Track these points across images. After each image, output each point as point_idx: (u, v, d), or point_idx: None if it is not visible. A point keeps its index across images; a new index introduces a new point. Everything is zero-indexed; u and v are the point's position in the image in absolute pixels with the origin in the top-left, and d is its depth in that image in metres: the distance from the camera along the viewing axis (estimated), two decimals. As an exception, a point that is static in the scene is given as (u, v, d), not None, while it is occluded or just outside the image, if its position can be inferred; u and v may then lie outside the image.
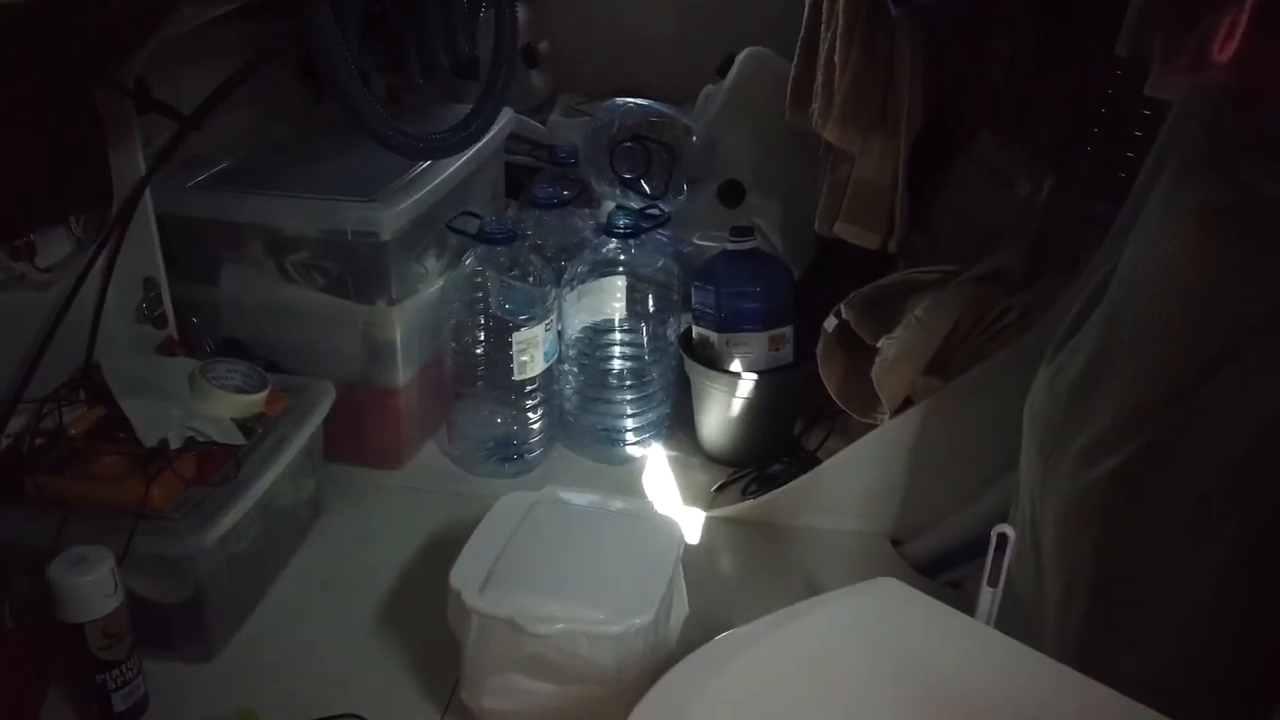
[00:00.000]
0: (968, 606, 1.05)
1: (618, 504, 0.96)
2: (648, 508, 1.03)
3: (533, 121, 1.61)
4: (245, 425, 1.04)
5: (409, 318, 1.20)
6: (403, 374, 1.23)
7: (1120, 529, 0.73)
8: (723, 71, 1.58)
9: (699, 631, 0.94)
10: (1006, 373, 1.05)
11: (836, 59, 1.17)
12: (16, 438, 0.96)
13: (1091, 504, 0.75)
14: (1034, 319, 1.05)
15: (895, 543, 1.19)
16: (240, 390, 1.06)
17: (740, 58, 1.52)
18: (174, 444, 0.96)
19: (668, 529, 0.92)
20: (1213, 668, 0.69)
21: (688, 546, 0.96)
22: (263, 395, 1.06)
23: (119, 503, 0.90)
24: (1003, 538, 0.72)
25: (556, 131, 1.62)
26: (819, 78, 1.22)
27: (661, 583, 0.84)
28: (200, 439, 0.98)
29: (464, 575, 0.83)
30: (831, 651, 0.61)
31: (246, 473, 0.98)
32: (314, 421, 1.09)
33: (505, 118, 1.44)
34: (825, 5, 1.21)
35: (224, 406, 1.04)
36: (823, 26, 1.22)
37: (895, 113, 1.19)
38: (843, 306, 1.22)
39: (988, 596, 0.73)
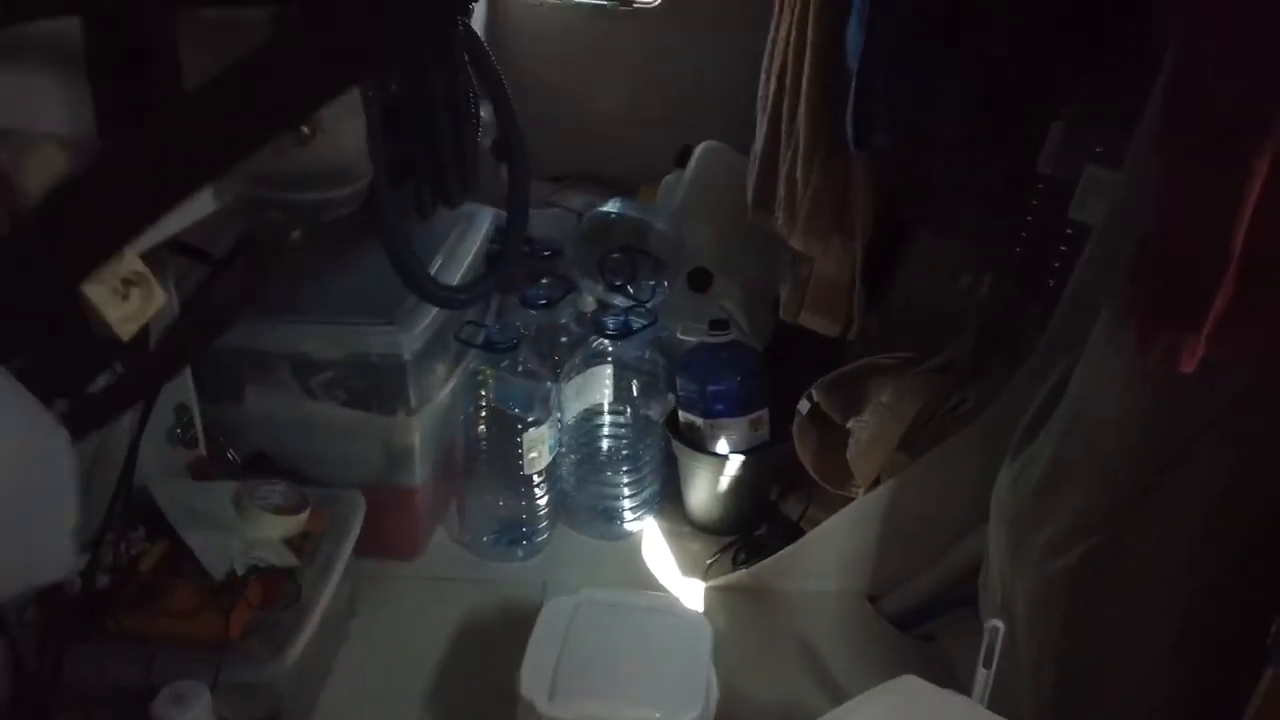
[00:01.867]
0: (944, 660, 1.23)
1: (648, 600, 1.10)
2: (675, 603, 1.15)
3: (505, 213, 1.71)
4: (291, 543, 1.13)
5: (426, 424, 1.31)
6: (419, 474, 1.33)
7: (1083, 610, 0.90)
8: (680, 161, 1.72)
9: (724, 705, 1.08)
10: (963, 452, 1.22)
11: (798, 177, 1.32)
12: (87, 575, 1.02)
13: (1057, 588, 0.92)
14: (984, 407, 1.22)
15: (872, 599, 1.36)
16: (283, 510, 1.15)
17: (698, 152, 1.66)
18: (239, 573, 1.05)
19: (697, 624, 1.05)
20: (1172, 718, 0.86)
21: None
22: (305, 515, 1.15)
23: (200, 635, 0.99)
24: (994, 630, 0.87)
25: (531, 223, 1.73)
26: (781, 190, 1.37)
27: (702, 677, 0.97)
28: (261, 565, 1.07)
29: (531, 684, 0.95)
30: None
31: (306, 593, 1.07)
32: (353, 535, 1.18)
33: (488, 219, 1.56)
34: (784, 126, 1.36)
35: (273, 528, 1.12)
36: (782, 144, 1.37)
37: (850, 221, 1.35)
38: (814, 390, 1.38)
39: (982, 677, 0.89)
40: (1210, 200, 0.47)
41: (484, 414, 1.39)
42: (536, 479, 1.37)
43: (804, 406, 1.38)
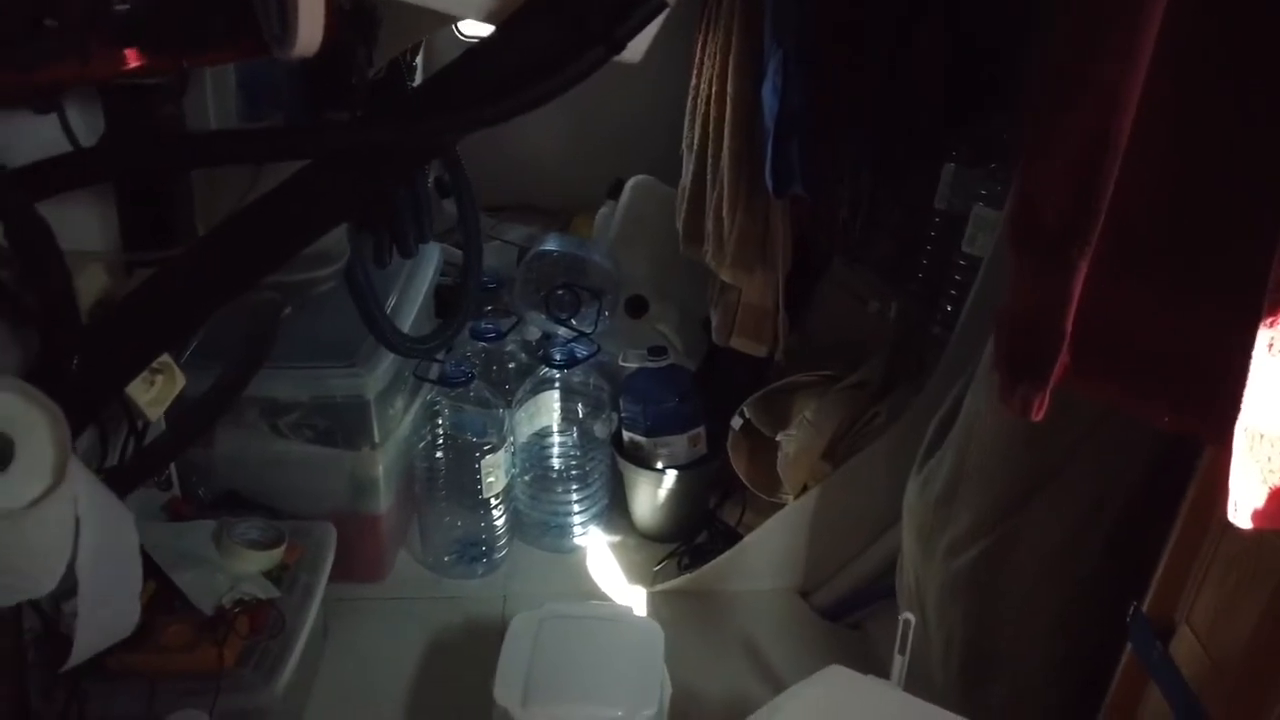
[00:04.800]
0: (869, 646, 1.37)
1: (605, 610, 1.21)
2: (629, 611, 1.27)
3: (451, 248, 1.81)
4: (270, 575, 1.22)
5: (388, 455, 1.40)
6: (384, 502, 1.42)
7: (981, 601, 1.05)
8: (613, 193, 1.84)
9: (676, 701, 1.21)
10: (878, 461, 1.37)
11: (725, 216, 1.45)
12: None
13: (959, 583, 1.07)
14: (893, 421, 1.37)
15: (803, 594, 1.50)
16: (261, 545, 1.24)
17: (629, 186, 1.78)
18: (227, 606, 1.13)
19: (650, 629, 1.17)
20: (1057, 689, 1.02)
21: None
22: (283, 548, 1.24)
23: (197, 667, 1.07)
24: (907, 622, 1.02)
25: (473, 255, 1.83)
26: (709, 226, 1.50)
27: (656, 677, 1.10)
28: (246, 598, 1.16)
29: (506, 693, 1.06)
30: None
31: (289, 622, 1.16)
32: (328, 564, 1.27)
33: (435, 254, 1.65)
34: (709, 168, 1.48)
35: (254, 563, 1.21)
36: (708, 184, 1.50)
37: (772, 253, 1.48)
38: (745, 408, 1.52)
39: (898, 663, 1.03)
40: (1047, 290, 0.61)
41: (441, 441, 1.49)
42: (494, 501, 1.48)
43: (736, 423, 1.52)
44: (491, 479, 1.45)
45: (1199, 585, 0.79)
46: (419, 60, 1.57)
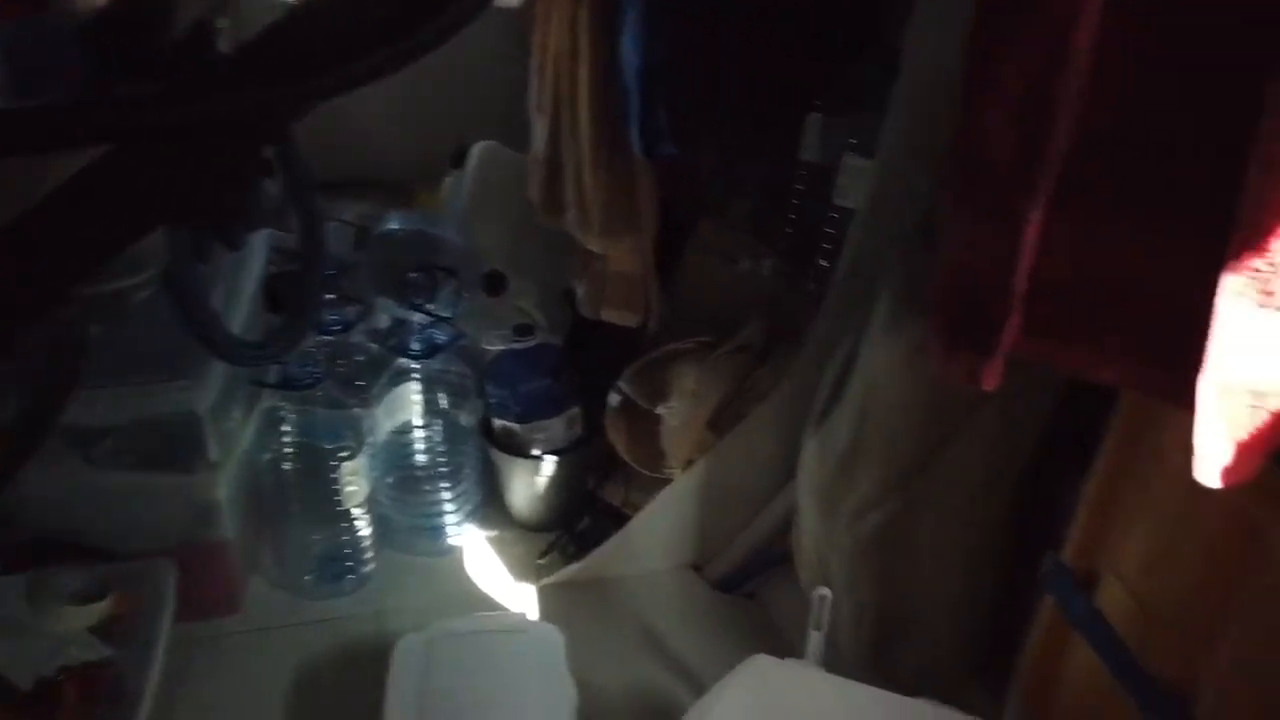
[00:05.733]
0: (765, 614, 1.34)
1: (497, 622, 1.12)
2: (523, 619, 1.18)
3: (278, 232, 1.62)
4: (101, 631, 1.05)
5: (230, 475, 1.24)
6: (230, 527, 1.26)
7: (891, 564, 1.02)
8: (456, 162, 1.70)
9: (582, 704, 1.12)
10: (762, 427, 1.32)
11: (586, 180, 1.35)
12: None
13: (866, 547, 1.04)
14: (776, 384, 1.33)
15: (696, 568, 1.45)
16: (85, 598, 1.06)
17: (475, 153, 1.65)
18: (50, 676, 0.96)
19: (548, 637, 1.09)
20: (971, 648, 1.00)
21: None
22: (111, 598, 1.07)
23: (19, 756, 0.91)
24: (823, 598, 0.97)
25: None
26: (569, 193, 1.40)
27: (562, 688, 1.01)
28: (73, 664, 0.99)
29: (399, 732, 0.95)
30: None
31: (130, 681, 1.00)
32: (169, 607, 1.11)
33: (264, 240, 1.47)
34: (565, 131, 1.38)
35: (77, 619, 1.04)
36: (563, 148, 1.39)
37: (638, 217, 1.40)
38: (622, 383, 1.44)
39: (815, 640, 0.98)
40: (995, 245, 0.56)
41: (289, 451, 1.33)
42: (356, 510, 1.34)
43: (614, 399, 1.44)
44: (352, 487, 1.31)
45: (1125, 534, 0.77)
46: (225, 23, 1.37)
